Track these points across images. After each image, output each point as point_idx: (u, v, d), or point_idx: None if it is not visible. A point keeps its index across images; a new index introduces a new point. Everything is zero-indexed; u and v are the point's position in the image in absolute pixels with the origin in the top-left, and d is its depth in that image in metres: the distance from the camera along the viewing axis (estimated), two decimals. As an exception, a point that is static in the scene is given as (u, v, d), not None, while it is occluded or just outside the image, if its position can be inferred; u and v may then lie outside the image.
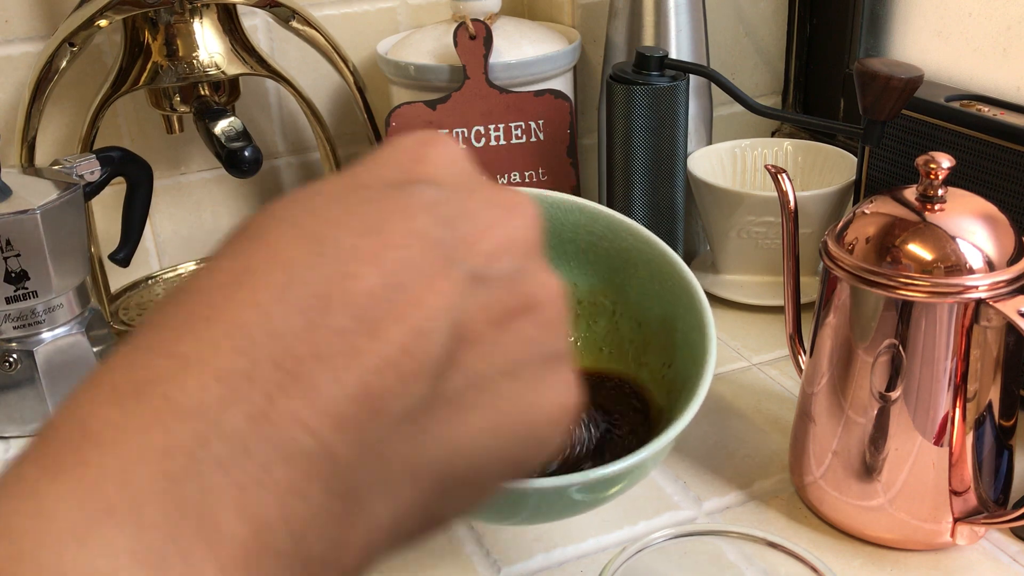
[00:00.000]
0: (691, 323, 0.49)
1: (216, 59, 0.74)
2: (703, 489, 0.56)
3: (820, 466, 0.52)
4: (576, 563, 0.51)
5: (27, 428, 0.65)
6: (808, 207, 0.72)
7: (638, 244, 0.52)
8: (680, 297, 0.50)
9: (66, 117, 0.80)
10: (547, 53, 0.79)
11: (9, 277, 0.61)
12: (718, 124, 0.87)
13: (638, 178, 0.74)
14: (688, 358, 0.48)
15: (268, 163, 0.88)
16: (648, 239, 0.51)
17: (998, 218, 0.47)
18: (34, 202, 0.61)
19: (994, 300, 0.45)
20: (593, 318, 0.55)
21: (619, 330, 0.55)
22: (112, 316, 0.78)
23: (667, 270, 0.51)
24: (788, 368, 0.67)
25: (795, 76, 0.97)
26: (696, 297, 0.48)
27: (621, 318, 0.54)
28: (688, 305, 0.49)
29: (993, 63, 0.73)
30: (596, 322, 0.55)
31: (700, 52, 0.80)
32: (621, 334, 0.54)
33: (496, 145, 0.78)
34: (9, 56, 0.77)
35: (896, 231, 0.47)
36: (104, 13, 0.69)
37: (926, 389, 0.47)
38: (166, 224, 0.87)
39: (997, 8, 0.72)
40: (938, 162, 0.47)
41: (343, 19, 0.86)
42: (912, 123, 0.66)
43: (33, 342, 0.64)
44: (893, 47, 0.84)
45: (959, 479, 0.49)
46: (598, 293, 0.55)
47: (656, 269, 0.51)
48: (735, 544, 0.41)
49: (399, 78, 0.80)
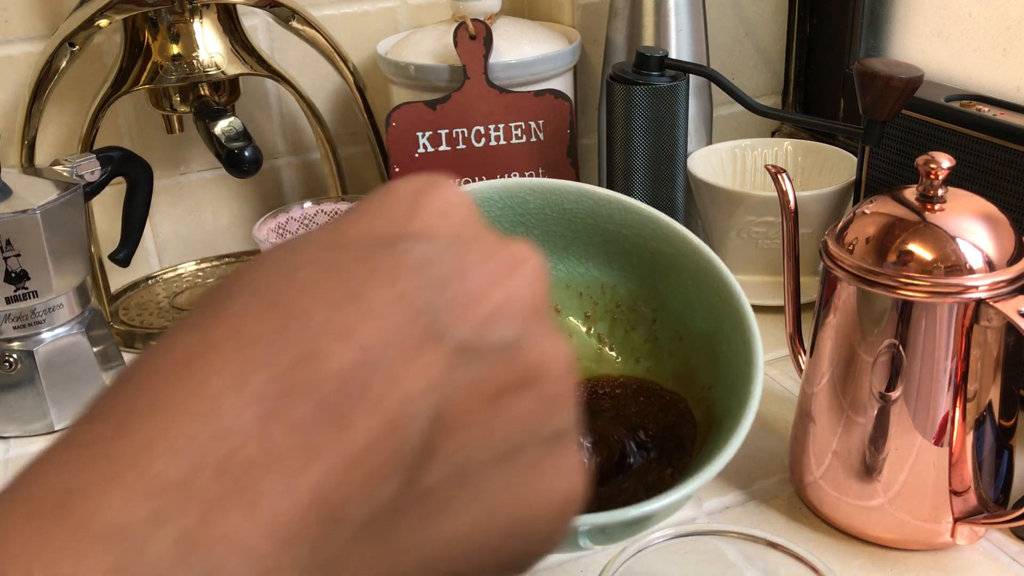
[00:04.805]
0: (736, 347, 0.44)
1: (216, 59, 0.74)
2: (703, 489, 0.56)
3: (820, 466, 0.52)
4: (576, 563, 0.51)
5: (27, 428, 0.65)
6: (808, 207, 0.72)
7: (686, 250, 0.48)
8: (727, 314, 0.45)
9: (66, 117, 0.80)
10: (547, 53, 0.79)
11: (9, 277, 0.61)
12: (718, 124, 0.87)
13: (638, 178, 0.74)
14: (729, 385, 0.44)
15: (268, 163, 0.88)
16: (697, 247, 0.47)
17: (998, 218, 0.47)
18: (34, 202, 0.61)
19: (994, 300, 0.45)
20: (631, 324, 0.51)
21: (658, 340, 0.50)
22: (112, 316, 0.78)
23: (716, 283, 0.46)
24: (788, 368, 0.67)
25: (795, 76, 0.97)
26: (745, 318, 0.44)
27: (661, 328, 0.50)
28: (735, 324, 0.45)
29: (993, 63, 0.73)
30: (634, 329, 0.51)
31: (700, 52, 0.80)
32: (660, 345, 0.50)
33: (496, 145, 0.78)
34: (9, 56, 0.77)
35: (896, 231, 0.47)
36: (104, 13, 0.69)
37: (926, 389, 0.47)
38: (166, 224, 0.87)
39: (997, 8, 0.72)
40: (938, 162, 0.47)
41: (343, 19, 0.86)
42: (912, 123, 0.66)
43: (33, 342, 0.64)
44: (893, 47, 0.84)
45: (959, 479, 0.49)
46: (638, 299, 0.51)
47: (703, 281, 0.47)
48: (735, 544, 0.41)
49: (399, 78, 0.80)
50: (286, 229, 0.77)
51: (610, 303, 0.51)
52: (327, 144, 0.83)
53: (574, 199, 0.48)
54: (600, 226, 0.49)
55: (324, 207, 0.79)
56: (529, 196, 0.48)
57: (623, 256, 0.50)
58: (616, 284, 0.51)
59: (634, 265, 0.50)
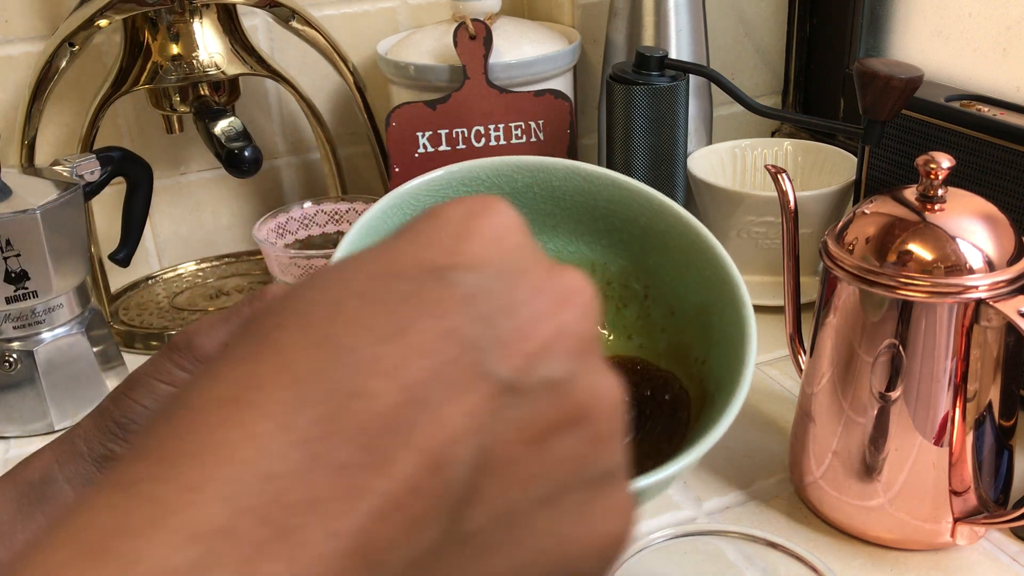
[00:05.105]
0: (730, 318, 0.44)
1: (216, 59, 0.74)
2: (703, 489, 0.56)
3: (820, 466, 0.52)
4: (576, 563, 0.51)
5: (27, 428, 0.65)
6: (808, 207, 0.72)
7: (677, 225, 0.47)
8: (719, 287, 0.45)
9: (66, 117, 0.80)
10: (547, 53, 0.79)
11: (9, 277, 0.61)
12: (718, 124, 0.87)
13: (638, 178, 0.73)
14: (723, 357, 0.44)
15: (268, 163, 0.88)
16: (688, 221, 0.47)
17: (998, 218, 0.47)
18: (34, 202, 0.61)
19: (994, 300, 0.45)
20: (623, 302, 0.51)
21: (650, 316, 0.50)
22: (112, 316, 0.78)
23: (707, 256, 0.46)
24: (788, 368, 0.67)
25: (795, 76, 0.97)
26: (737, 289, 0.44)
27: (653, 304, 0.50)
28: (728, 298, 0.44)
29: (993, 63, 0.73)
30: (626, 306, 0.51)
31: (700, 52, 0.80)
32: (652, 321, 0.50)
33: (496, 145, 0.78)
34: (9, 56, 0.77)
35: (896, 231, 0.47)
36: (104, 13, 0.69)
37: (926, 389, 0.47)
38: (166, 224, 0.87)
39: (997, 8, 0.72)
40: (938, 162, 0.47)
41: (343, 19, 0.86)
42: (912, 123, 0.66)
43: (33, 342, 0.64)
44: (893, 47, 0.84)
45: (959, 479, 0.49)
46: (629, 276, 0.51)
47: (695, 254, 0.47)
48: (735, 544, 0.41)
49: (399, 78, 0.80)
50: (286, 229, 0.77)
51: (601, 281, 0.51)
52: (327, 144, 0.83)
53: (563, 176, 0.48)
54: (589, 203, 0.49)
55: (324, 207, 0.79)
56: (517, 174, 0.48)
57: (613, 233, 0.50)
58: (607, 262, 0.51)
59: (624, 241, 0.50)
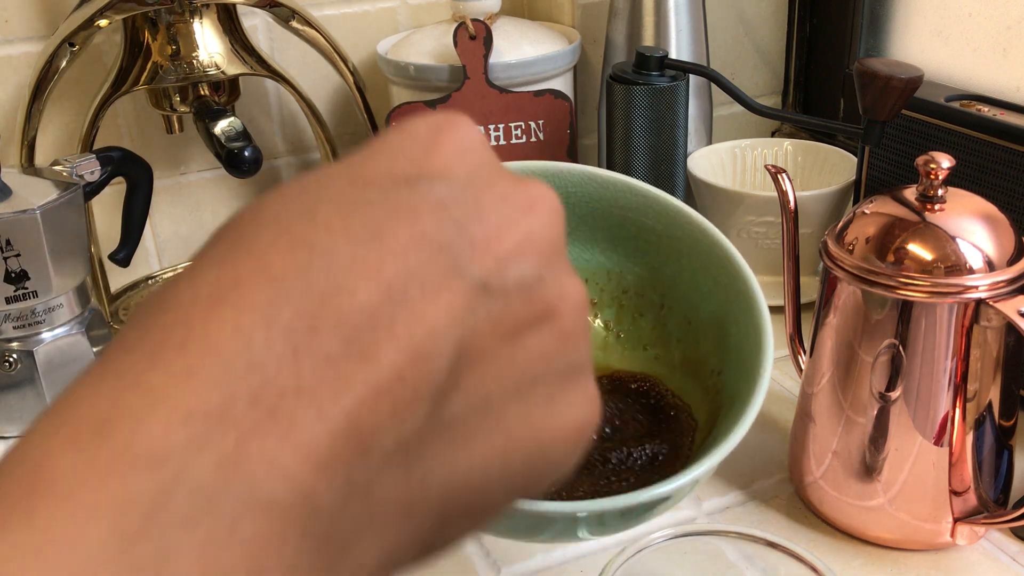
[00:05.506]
0: (746, 328, 0.43)
1: (216, 59, 0.74)
2: (703, 489, 0.56)
3: (820, 466, 0.52)
4: (576, 563, 0.51)
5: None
6: (808, 207, 0.72)
7: (694, 231, 0.47)
8: (736, 296, 0.44)
9: (66, 117, 0.80)
10: (547, 53, 0.79)
11: (9, 277, 0.61)
12: (718, 124, 0.87)
13: (638, 178, 0.73)
14: (738, 369, 0.43)
15: (268, 163, 0.88)
16: (705, 227, 0.46)
17: (998, 218, 0.47)
18: (34, 202, 0.61)
19: (994, 300, 0.45)
20: (639, 311, 0.50)
21: (666, 327, 0.49)
22: (112, 316, 0.78)
23: (724, 263, 0.45)
24: (788, 368, 0.67)
25: (795, 76, 0.97)
26: (755, 299, 0.43)
27: (669, 314, 0.49)
28: (745, 308, 0.43)
29: (993, 63, 0.73)
30: (642, 316, 0.50)
31: (700, 52, 0.80)
32: (668, 332, 0.49)
33: (496, 145, 0.78)
34: (9, 56, 0.77)
35: (896, 231, 0.47)
36: (104, 13, 0.69)
37: (926, 389, 0.47)
38: (166, 224, 0.87)
39: (997, 8, 0.72)
40: (938, 162, 0.47)
41: (343, 19, 0.86)
42: (912, 123, 0.66)
43: (33, 342, 0.64)
44: (893, 47, 0.84)
45: (959, 479, 0.49)
46: (646, 285, 0.50)
47: (712, 261, 0.46)
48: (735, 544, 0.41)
49: (399, 78, 0.80)
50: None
51: (616, 289, 0.50)
52: (327, 144, 0.83)
53: (578, 182, 0.48)
54: (605, 209, 0.48)
55: (324, 207, 0.79)
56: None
57: (629, 240, 0.49)
58: (623, 270, 0.50)
59: (641, 249, 0.49)
